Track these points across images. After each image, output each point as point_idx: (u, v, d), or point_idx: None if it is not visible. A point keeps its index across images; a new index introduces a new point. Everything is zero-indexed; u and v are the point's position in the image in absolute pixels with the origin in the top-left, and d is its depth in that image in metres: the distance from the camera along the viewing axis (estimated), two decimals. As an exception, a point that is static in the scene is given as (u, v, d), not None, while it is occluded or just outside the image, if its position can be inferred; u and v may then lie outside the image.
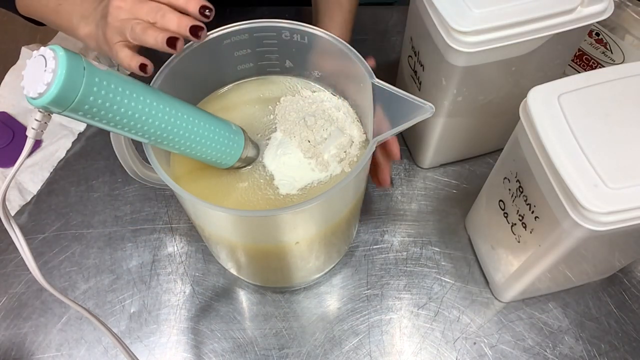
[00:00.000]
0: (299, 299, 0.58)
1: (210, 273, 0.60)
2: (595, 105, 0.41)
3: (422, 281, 0.59)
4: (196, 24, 0.41)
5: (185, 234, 0.62)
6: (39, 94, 0.31)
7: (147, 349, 0.55)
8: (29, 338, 0.56)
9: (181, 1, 0.41)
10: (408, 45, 0.59)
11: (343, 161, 0.48)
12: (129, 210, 0.64)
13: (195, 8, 0.41)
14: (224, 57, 0.50)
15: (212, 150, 0.44)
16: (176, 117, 0.40)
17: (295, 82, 0.54)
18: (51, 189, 0.66)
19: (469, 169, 0.68)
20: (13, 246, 0.61)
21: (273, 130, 0.50)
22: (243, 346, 0.55)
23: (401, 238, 0.62)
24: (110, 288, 0.59)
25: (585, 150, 0.39)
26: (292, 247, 0.47)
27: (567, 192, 0.38)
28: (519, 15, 0.45)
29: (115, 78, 0.35)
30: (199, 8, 0.41)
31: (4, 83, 0.73)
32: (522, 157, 0.45)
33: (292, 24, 0.47)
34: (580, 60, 0.68)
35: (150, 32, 0.41)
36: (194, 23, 0.40)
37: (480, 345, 0.55)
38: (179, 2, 0.41)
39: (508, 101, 0.55)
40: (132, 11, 0.42)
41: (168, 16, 0.41)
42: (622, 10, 0.61)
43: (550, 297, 0.58)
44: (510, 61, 0.50)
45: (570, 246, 0.42)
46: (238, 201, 0.46)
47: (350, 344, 0.55)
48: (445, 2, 0.47)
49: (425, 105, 0.41)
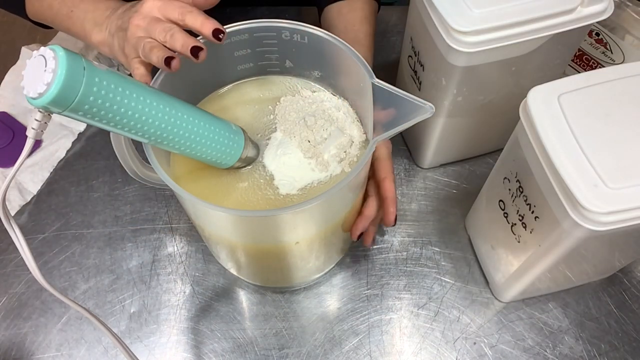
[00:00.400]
0: (299, 299, 0.58)
1: (210, 273, 0.60)
2: (595, 105, 0.41)
3: (422, 281, 0.59)
4: (197, 45, 0.42)
5: (185, 234, 0.62)
6: (39, 94, 0.31)
7: (147, 349, 0.55)
8: (29, 338, 0.56)
9: (197, 23, 0.43)
10: (408, 45, 0.59)
11: (343, 161, 0.48)
12: (129, 210, 0.64)
13: (209, 30, 0.42)
14: (224, 57, 0.50)
15: (212, 150, 0.44)
16: (176, 117, 0.40)
17: (295, 82, 0.54)
18: (51, 189, 0.66)
19: (469, 169, 0.68)
20: (13, 246, 0.61)
21: (273, 130, 0.50)
22: (243, 346, 0.55)
23: (401, 238, 0.62)
24: (110, 288, 0.59)
25: (585, 150, 0.39)
26: (292, 247, 0.47)
27: (567, 192, 0.38)
28: (519, 15, 0.45)
29: (115, 78, 0.35)
30: (212, 31, 0.42)
31: (4, 83, 0.73)
32: (522, 157, 0.45)
33: (292, 24, 0.47)
34: (580, 60, 0.68)
35: (155, 50, 0.42)
36: (196, 44, 0.42)
37: (480, 345, 0.55)
38: (195, 24, 0.43)
39: (508, 101, 0.55)
40: (148, 30, 0.44)
41: (176, 36, 0.42)
42: (622, 10, 0.61)
43: (550, 297, 0.58)
44: (510, 61, 0.50)
45: (570, 246, 0.42)
46: (238, 201, 0.46)
47: (350, 344, 0.55)
48: (445, 2, 0.47)
49: (425, 105, 0.41)
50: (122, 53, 0.49)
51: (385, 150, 0.53)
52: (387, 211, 0.51)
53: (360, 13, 0.62)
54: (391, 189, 0.51)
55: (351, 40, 0.60)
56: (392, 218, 0.51)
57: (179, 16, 0.43)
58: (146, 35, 0.44)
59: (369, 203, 0.52)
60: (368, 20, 0.62)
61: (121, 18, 0.49)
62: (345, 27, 0.61)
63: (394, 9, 0.85)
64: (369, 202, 0.52)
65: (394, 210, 0.51)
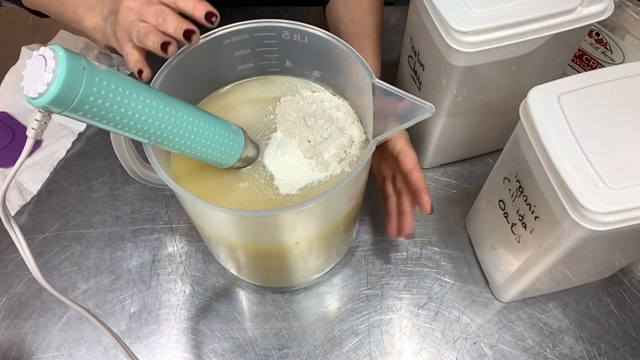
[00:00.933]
0: (299, 299, 0.58)
1: (210, 273, 0.60)
2: (595, 105, 0.41)
3: (422, 281, 0.59)
4: (190, 28, 0.41)
5: (185, 234, 0.62)
6: (39, 94, 0.31)
7: (147, 349, 0.55)
8: (29, 338, 0.56)
9: (189, 6, 0.42)
10: (408, 45, 0.59)
11: (343, 161, 0.48)
12: (129, 210, 0.64)
13: (202, 14, 0.42)
14: (224, 57, 0.50)
15: (212, 150, 0.44)
16: (176, 117, 0.40)
17: (295, 82, 0.54)
18: (51, 189, 0.66)
19: (469, 169, 0.68)
20: (13, 246, 0.61)
21: (273, 130, 0.50)
22: (243, 346, 0.55)
23: (401, 238, 0.62)
24: (110, 288, 0.59)
25: (585, 150, 0.39)
26: (292, 247, 0.47)
27: (567, 192, 0.38)
28: (519, 15, 0.45)
29: (115, 78, 0.35)
30: (204, 14, 0.42)
31: (4, 83, 0.73)
32: (522, 157, 0.45)
33: (292, 24, 0.47)
34: (580, 60, 0.68)
35: (150, 35, 0.42)
36: (189, 27, 0.41)
37: (480, 345, 0.55)
38: (187, 7, 0.42)
39: (508, 101, 0.55)
40: (139, 12, 0.43)
41: (168, 19, 0.42)
42: (622, 10, 0.61)
43: (550, 297, 0.58)
44: (510, 61, 0.50)
45: (570, 246, 0.42)
46: (238, 201, 0.46)
47: (350, 344, 0.55)
48: (445, 2, 0.47)
49: (425, 105, 0.41)
50: (115, 37, 0.48)
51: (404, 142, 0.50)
52: (421, 201, 0.49)
53: (367, 4, 0.62)
54: (420, 179, 0.49)
55: (358, 32, 0.59)
56: (428, 207, 0.49)
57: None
58: (138, 18, 0.43)
59: (407, 200, 0.51)
60: (375, 11, 0.62)
61: (113, 1, 0.48)
62: (352, 18, 0.61)
63: (394, 9, 0.85)
64: (406, 199, 0.51)
65: (428, 199, 0.49)
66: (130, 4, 0.44)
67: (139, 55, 0.45)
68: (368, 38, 0.59)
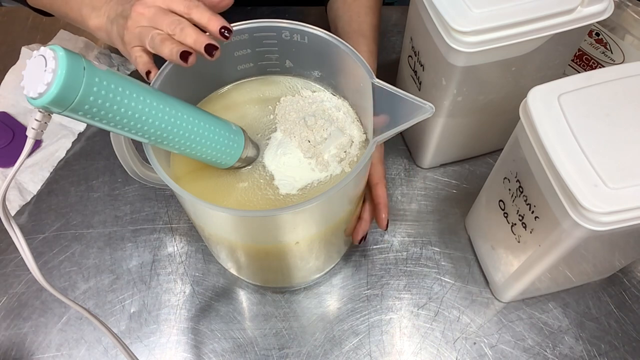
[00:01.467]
0: (299, 299, 0.58)
1: (210, 273, 0.60)
2: (595, 105, 0.41)
3: (422, 281, 0.59)
4: (212, 43, 0.41)
5: (185, 234, 0.62)
6: (39, 94, 0.31)
7: (147, 349, 0.55)
8: (29, 338, 0.56)
9: (204, 19, 0.42)
10: (408, 45, 0.59)
11: (343, 161, 0.48)
12: (129, 210, 0.64)
13: (216, 27, 0.42)
14: (224, 57, 0.50)
15: (212, 150, 0.44)
16: (176, 117, 0.40)
17: (295, 82, 0.54)
18: (51, 189, 0.66)
19: (469, 169, 0.68)
20: (13, 246, 0.61)
21: (273, 130, 0.50)
22: (243, 346, 0.55)
23: (401, 238, 0.62)
24: (110, 288, 0.59)
25: (585, 150, 0.39)
26: (292, 247, 0.47)
27: (567, 192, 0.38)
28: (519, 15, 0.45)
29: (116, 78, 0.35)
30: (219, 28, 0.42)
31: (4, 83, 0.73)
32: (522, 157, 0.45)
33: (292, 24, 0.47)
34: (580, 60, 0.68)
35: (167, 43, 0.42)
36: (210, 42, 0.41)
37: (480, 345, 0.55)
38: (202, 19, 0.42)
39: (508, 101, 0.55)
40: (153, 20, 0.43)
41: (187, 30, 0.42)
42: (622, 10, 0.61)
43: (550, 297, 0.58)
44: (510, 61, 0.50)
45: (570, 246, 0.42)
46: (238, 201, 0.46)
47: (350, 344, 0.55)
48: (445, 2, 0.47)
49: (425, 105, 0.41)
50: (121, 40, 0.48)
51: (378, 155, 0.53)
52: (378, 217, 0.53)
53: (365, 3, 0.63)
54: (383, 195, 0.52)
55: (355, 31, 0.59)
56: (384, 224, 0.53)
57: (184, 9, 0.43)
58: (150, 25, 0.43)
59: (367, 207, 0.54)
60: (373, 10, 0.62)
61: (122, 5, 0.48)
62: (350, 17, 0.62)
63: (394, 9, 0.85)
64: (367, 207, 0.54)
65: (385, 216, 0.52)
66: (142, 11, 0.44)
67: (148, 57, 0.45)
68: (364, 37, 0.59)
